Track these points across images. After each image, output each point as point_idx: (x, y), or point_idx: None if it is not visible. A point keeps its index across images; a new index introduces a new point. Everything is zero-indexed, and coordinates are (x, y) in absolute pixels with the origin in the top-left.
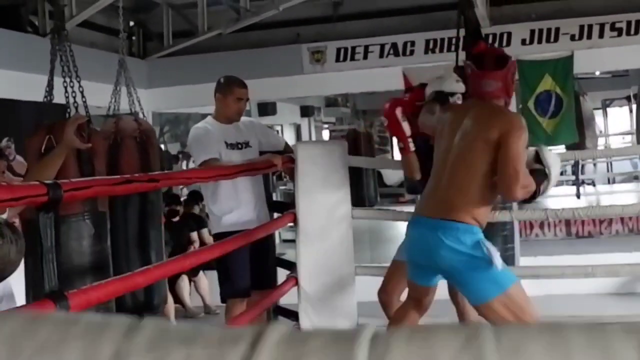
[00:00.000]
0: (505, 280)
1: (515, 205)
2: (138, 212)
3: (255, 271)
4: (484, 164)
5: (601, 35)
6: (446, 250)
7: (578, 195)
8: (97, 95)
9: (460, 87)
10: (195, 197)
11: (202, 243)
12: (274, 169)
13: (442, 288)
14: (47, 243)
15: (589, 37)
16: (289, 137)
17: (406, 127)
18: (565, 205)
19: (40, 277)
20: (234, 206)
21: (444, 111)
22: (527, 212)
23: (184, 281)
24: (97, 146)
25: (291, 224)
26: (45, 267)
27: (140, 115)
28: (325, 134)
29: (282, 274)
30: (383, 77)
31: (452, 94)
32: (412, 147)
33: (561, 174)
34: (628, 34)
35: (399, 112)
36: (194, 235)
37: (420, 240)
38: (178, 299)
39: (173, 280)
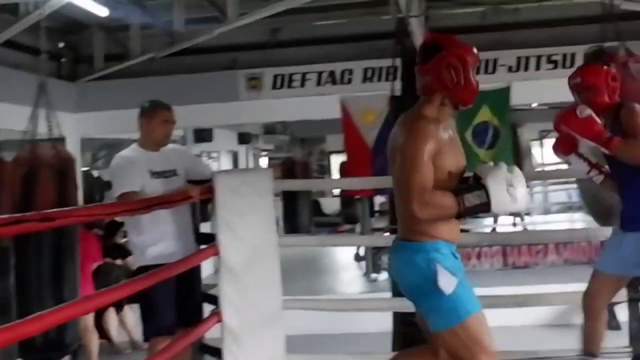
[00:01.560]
0: (460, 310)
1: None
2: (52, 246)
3: (180, 307)
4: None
5: (538, 67)
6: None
7: (514, 224)
8: (21, 119)
9: None
10: (114, 227)
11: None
12: (190, 201)
13: None
14: None
15: (526, 69)
16: (226, 165)
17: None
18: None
19: None
20: (157, 238)
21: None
22: (460, 235)
23: (111, 315)
24: (3, 175)
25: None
26: None
27: (68, 141)
28: (264, 162)
29: (208, 309)
30: (320, 105)
31: None
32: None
33: None
34: (564, 66)
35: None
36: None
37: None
38: (104, 334)
39: (99, 314)
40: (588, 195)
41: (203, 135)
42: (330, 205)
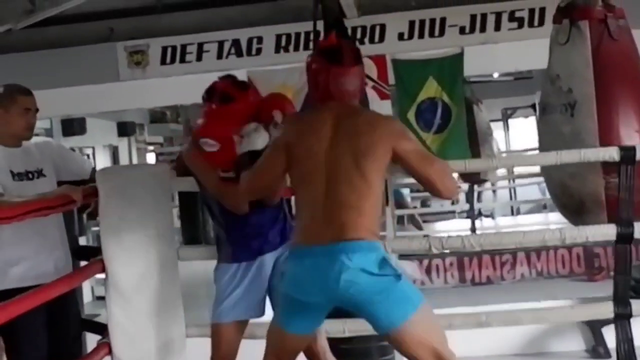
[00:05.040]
0: (416, 296)
1: (390, 234)
2: None
3: (52, 339)
4: (378, 178)
5: (497, 28)
6: (352, 274)
7: (473, 230)
8: None
9: (267, 137)
10: None
11: None
12: (74, 206)
13: None
14: None
15: (483, 29)
16: (104, 163)
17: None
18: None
19: None
20: (22, 255)
21: (279, 137)
22: (404, 241)
23: None
24: None
25: (102, 276)
26: None
27: None
28: (151, 158)
29: (92, 340)
30: None
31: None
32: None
33: (452, 203)
34: (531, 25)
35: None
36: None
37: (315, 271)
38: None
39: None
40: (555, 185)
41: (73, 126)
42: None
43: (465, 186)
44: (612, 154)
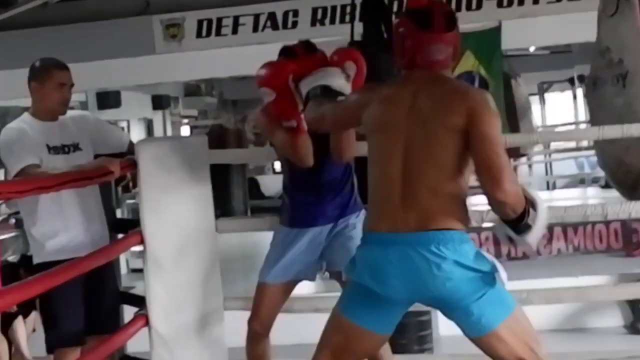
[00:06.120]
0: (510, 299)
1: None
2: None
3: (89, 311)
4: (450, 156)
5: (536, 1)
6: (447, 267)
7: None
8: None
9: (347, 88)
10: None
11: None
12: (112, 177)
13: None
14: None
15: (521, 3)
16: (138, 136)
17: (299, 99)
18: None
19: None
20: (59, 228)
21: (364, 92)
22: None
23: (20, 324)
24: None
25: (138, 248)
26: None
27: None
28: (185, 131)
29: (130, 312)
30: (258, 57)
31: (340, 94)
32: (305, 125)
33: None
34: None
35: (291, 79)
36: None
37: (401, 262)
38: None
39: (7, 323)
40: (611, 161)
41: (108, 99)
42: (272, 184)
43: None
44: None
